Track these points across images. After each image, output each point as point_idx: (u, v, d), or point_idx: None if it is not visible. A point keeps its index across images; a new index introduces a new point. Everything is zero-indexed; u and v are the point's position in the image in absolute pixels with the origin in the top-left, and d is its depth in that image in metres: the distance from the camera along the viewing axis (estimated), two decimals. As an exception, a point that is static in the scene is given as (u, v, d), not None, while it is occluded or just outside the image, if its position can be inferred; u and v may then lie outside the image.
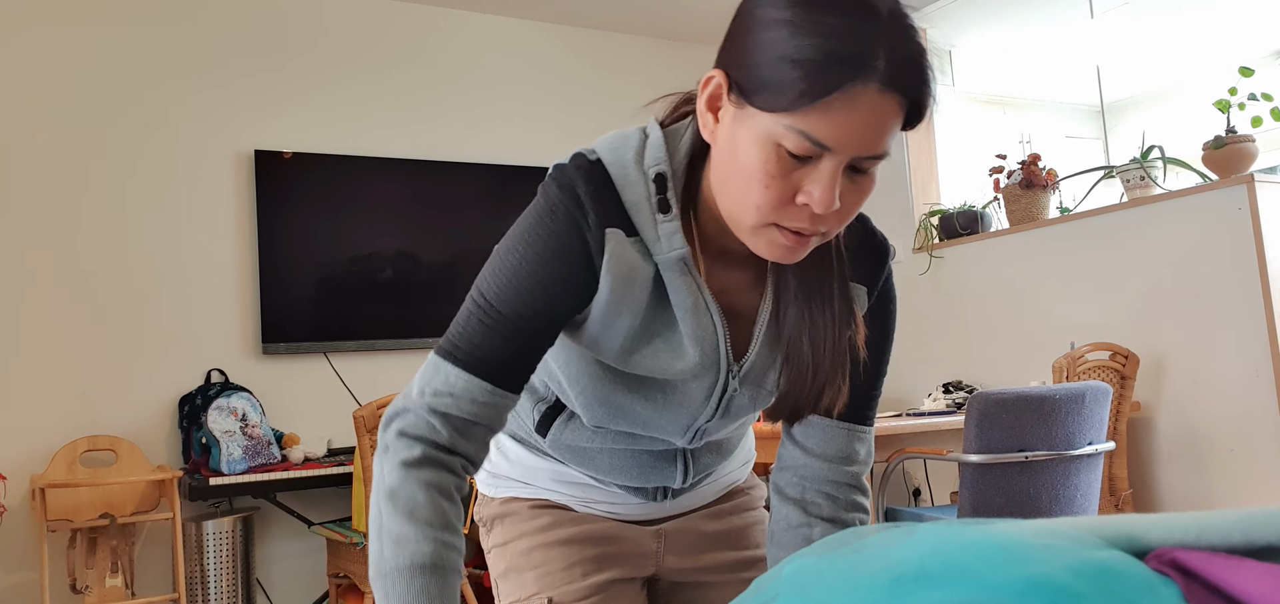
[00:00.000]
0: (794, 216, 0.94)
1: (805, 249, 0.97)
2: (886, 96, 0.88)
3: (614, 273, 1.02)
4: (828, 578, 0.71)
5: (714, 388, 1.12)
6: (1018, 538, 0.67)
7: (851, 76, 0.86)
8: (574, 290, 1.03)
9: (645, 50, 5.50)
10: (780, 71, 0.88)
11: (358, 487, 3.49)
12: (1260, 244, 3.39)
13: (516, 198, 4.91)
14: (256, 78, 4.45)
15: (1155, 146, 3.95)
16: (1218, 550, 0.65)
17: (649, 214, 1.03)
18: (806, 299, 1.07)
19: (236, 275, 4.31)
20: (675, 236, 1.02)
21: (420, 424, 1.03)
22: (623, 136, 1.08)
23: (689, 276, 1.05)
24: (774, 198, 0.93)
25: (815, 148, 0.90)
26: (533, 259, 1.02)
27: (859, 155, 0.91)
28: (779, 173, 0.92)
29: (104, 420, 4.00)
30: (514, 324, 1.02)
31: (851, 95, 0.87)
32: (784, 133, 0.90)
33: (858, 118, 0.88)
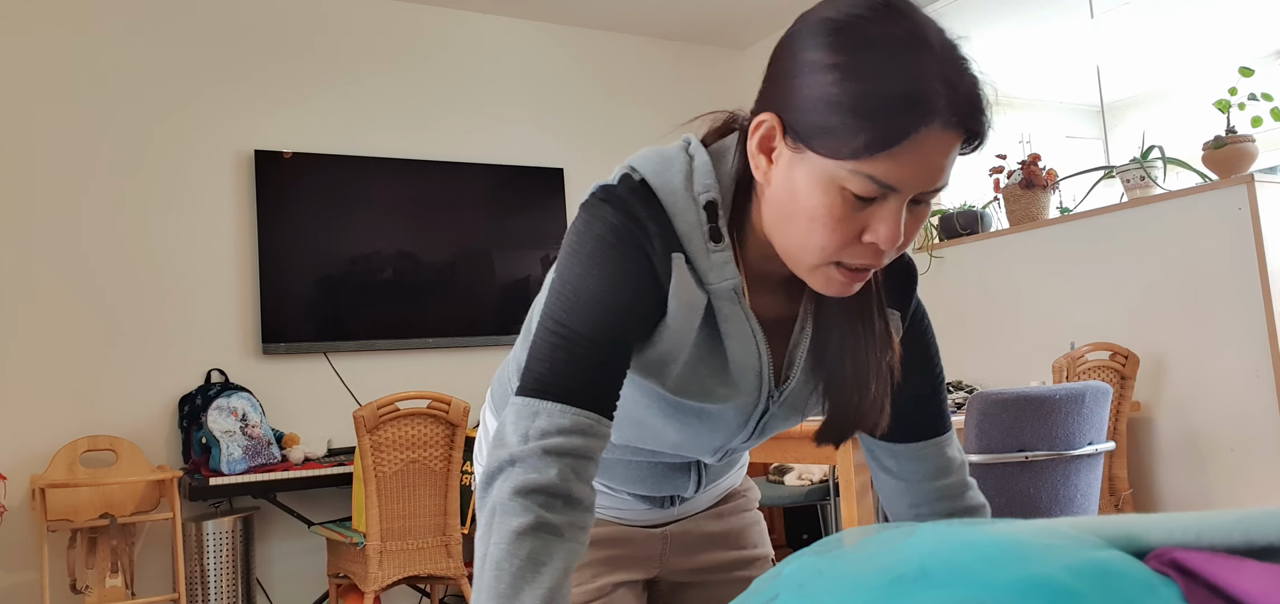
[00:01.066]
0: (858, 254, 0.95)
1: (861, 283, 0.98)
2: (948, 134, 0.89)
3: (678, 299, 1.01)
4: (828, 577, 0.71)
5: (753, 412, 1.12)
6: (1017, 538, 0.67)
7: (917, 123, 0.87)
8: (646, 313, 1.02)
9: (645, 50, 5.50)
10: (840, 119, 0.88)
11: (357, 487, 3.49)
12: (1260, 244, 3.39)
13: (516, 198, 4.91)
14: (256, 78, 4.45)
15: (1155, 146, 3.95)
16: (1218, 550, 0.65)
17: (701, 242, 1.01)
18: (849, 325, 1.07)
19: (236, 275, 4.31)
20: (727, 266, 1.02)
21: (533, 473, 0.93)
22: (665, 158, 1.04)
23: (738, 305, 1.04)
24: (840, 239, 0.93)
25: (882, 190, 0.90)
26: (606, 282, 0.99)
27: (923, 191, 0.92)
28: (844, 215, 0.92)
29: (104, 420, 4.00)
30: (600, 348, 0.98)
31: (918, 140, 0.88)
32: (849, 177, 0.90)
33: (923, 158, 0.89)
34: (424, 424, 3.48)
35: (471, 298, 4.73)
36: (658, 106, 5.48)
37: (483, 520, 0.95)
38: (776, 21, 5.45)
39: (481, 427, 1.42)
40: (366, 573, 3.41)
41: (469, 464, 3.71)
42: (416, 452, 3.48)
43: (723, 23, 5.44)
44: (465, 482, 3.68)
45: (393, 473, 3.44)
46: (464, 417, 3.54)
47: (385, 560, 3.43)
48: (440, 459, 3.53)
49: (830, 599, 0.68)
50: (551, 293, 1.02)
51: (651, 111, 5.46)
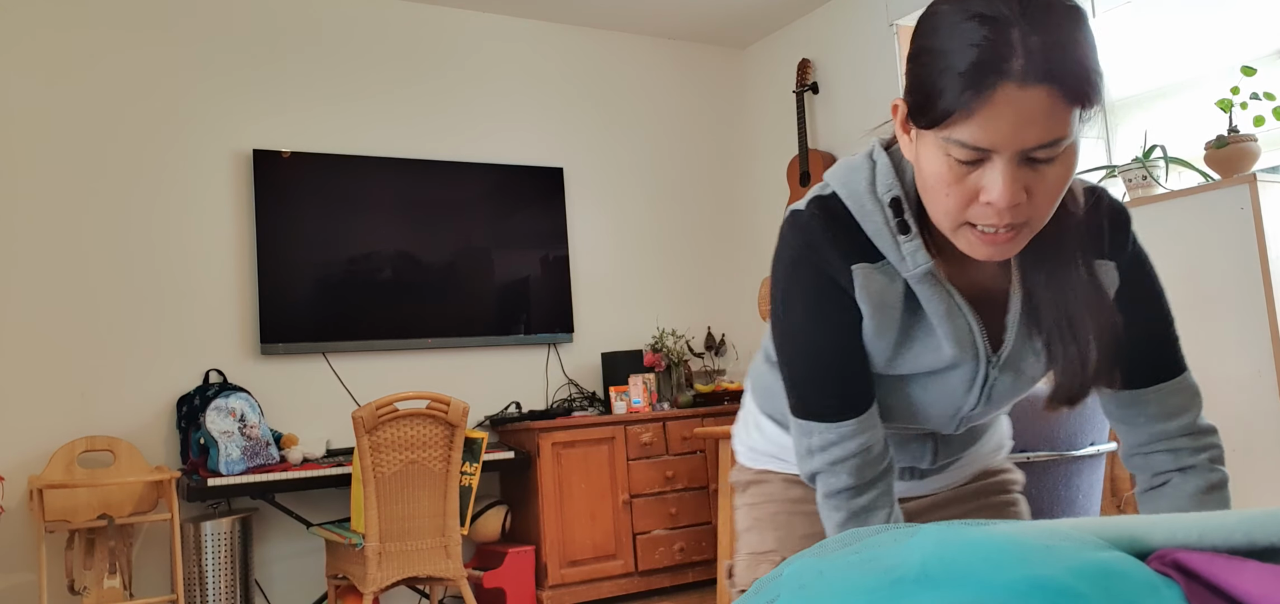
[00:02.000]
0: (982, 214, 1.01)
1: (1012, 243, 1.03)
2: (1028, 89, 0.94)
3: (868, 301, 1.14)
4: (829, 578, 0.70)
5: (975, 378, 1.19)
6: (1019, 539, 0.66)
7: (988, 84, 0.94)
8: (849, 320, 1.15)
9: (645, 50, 5.49)
10: (931, 92, 0.98)
11: (356, 487, 3.48)
12: (1262, 244, 3.38)
13: (516, 198, 4.90)
14: (256, 78, 4.44)
15: (1157, 146, 3.94)
16: (1219, 551, 0.64)
17: (890, 239, 1.12)
18: (1055, 283, 1.12)
19: (235, 275, 4.30)
20: (918, 254, 1.11)
21: (831, 480, 1.18)
22: (851, 167, 1.16)
23: (938, 284, 1.13)
24: (957, 201, 1.01)
25: (976, 152, 0.98)
26: (810, 307, 1.16)
27: (1023, 149, 0.96)
28: (955, 179, 1.00)
29: (102, 421, 3.99)
30: (828, 368, 1.17)
31: (993, 98, 0.94)
32: (946, 145, 0.99)
33: (1005, 116, 0.95)
34: (423, 425, 3.48)
35: (471, 298, 4.73)
36: (658, 106, 5.48)
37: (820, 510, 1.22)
38: (776, 21, 5.45)
39: (744, 404, 1.53)
40: (365, 574, 3.40)
41: (468, 464, 3.70)
42: (416, 452, 3.47)
43: (723, 23, 5.44)
44: (465, 482, 3.67)
45: (392, 474, 3.43)
46: (463, 417, 3.53)
47: (384, 561, 3.42)
48: (439, 460, 3.52)
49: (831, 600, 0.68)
50: (775, 323, 1.21)
51: (651, 111, 5.45)
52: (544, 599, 4.29)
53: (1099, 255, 1.15)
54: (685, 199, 5.44)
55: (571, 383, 4.99)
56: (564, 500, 4.36)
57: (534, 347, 4.93)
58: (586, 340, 5.07)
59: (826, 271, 1.14)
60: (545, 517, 4.31)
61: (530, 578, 4.27)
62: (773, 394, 1.37)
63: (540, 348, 4.95)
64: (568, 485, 4.38)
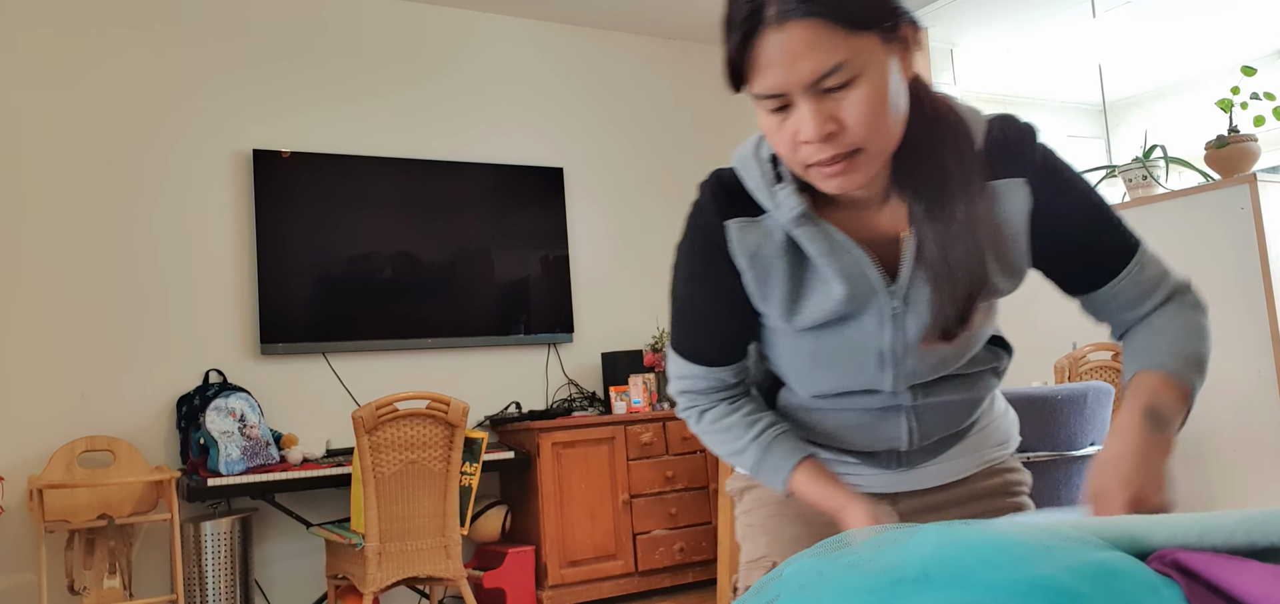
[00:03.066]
0: (810, 152, 1.06)
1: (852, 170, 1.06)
2: (786, 27, 1.01)
3: (743, 254, 1.20)
4: (828, 578, 0.70)
5: (883, 315, 1.20)
6: (1019, 539, 0.66)
7: (752, 35, 1.02)
8: (728, 282, 1.23)
9: (645, 50, 5.49)
10: (725, 60, 1.07)
11: (356, 487, 3.48)
12: (1262, 243, 3.38)
13: (516, 198, 4.90)
14: (255, 77, 4.44)
15: (1157, 146, 3.94)
16: (1219, 551, 0.64)
17: (766, 191, 1.17)
18: (937, 217, 1.13)
19: (235, 275, 4.30)
20: (789, 199, 1.16)
21: (683, 401, 1.35)
22: (746, 143, 1.24)
23: (815, 226, 1.17)
24: (786, 146, 1.07)
25: (774, 100, 1.05)
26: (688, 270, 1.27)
27: (805, 85, 1.02)
28: (775, 127, 1.07)
29: (102, 421, 3.99)
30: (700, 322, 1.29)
31: (759, 48, 1.02)
32: (755, 101, 1.07)
33: (774, 60, 1.02)
34: (423, 425, 3.48)
35: (471, 298, 4.72)
36: (658, 106, 5.47)
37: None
38: (777, 21, 5.44)
39: None
40: (365, 574, 3.40)
41: (468, 464, 3.70)
42: (415, 452, 3.47)
43: (723, 22, 5.43)
44: (464, 482, 3.67)
45: (392, 474, 3.43)
46: (463, 417, 3.53)
47: (384, 561, 3.42)
48: (439, 460, 3.52)
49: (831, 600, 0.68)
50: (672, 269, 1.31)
51: (651, 111, 5.45)
52: (544, 599, 4.29)
53: (1004, 174, 1.16)
54: (685, 199, 5.42)
55: (571, 383, 4.99)
56: (564, 500, 4.36)
57: (534, 346, 4.93)
58: (586, 340, 5.07)
59: (708, 231, 1.22)
60: (545, 517, 4.31)
61: (530, 578, 4.27)
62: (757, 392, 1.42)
63: (540, 348, 4.94)
64: (568, 485, 4.38)
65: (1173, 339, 1.18)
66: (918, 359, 1.22)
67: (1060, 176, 1.19)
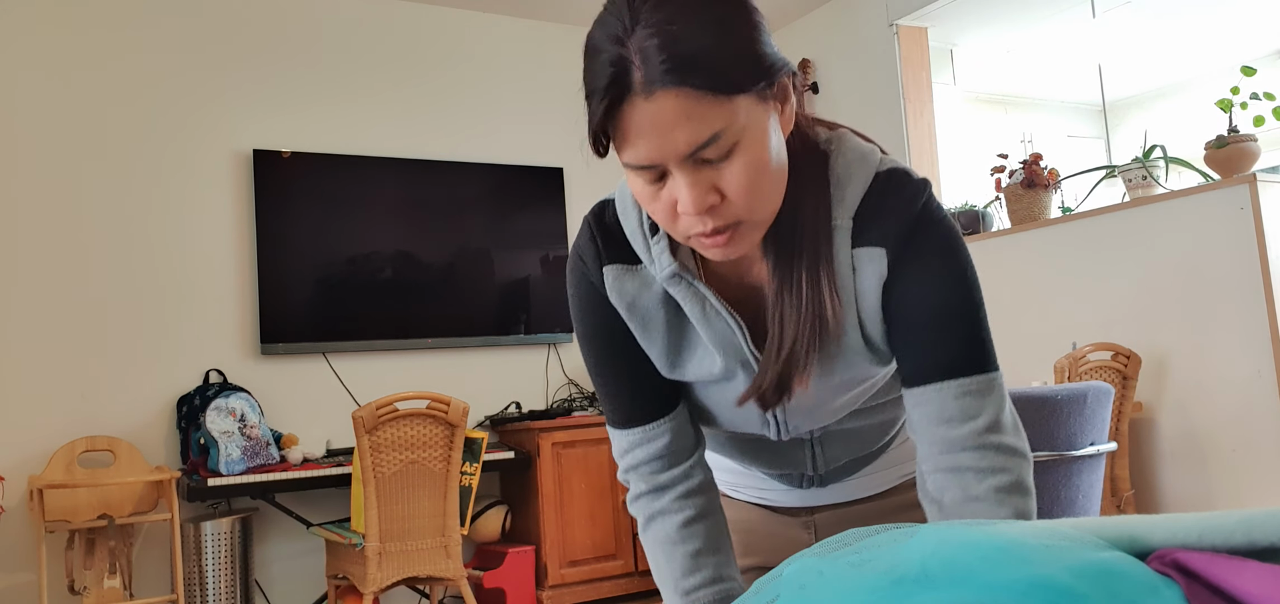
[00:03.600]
0: (689, 224, 0.96)
1: (735, 241, 0.97)
2: (655, 98, 0.89)
3: (621, 303, 1.11)
4: (828, 578, 0.70)
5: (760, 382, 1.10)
6: (1019, 539, 0.66)
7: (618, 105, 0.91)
8: (613, 330, 1.13)
9: (645, 50, 5.49)
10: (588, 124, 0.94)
11: (356, 487, 3.48)
12: (1262, 243, 3.38)
13: (516, 198, 4.90)
14: (256, 77, 4.44)
15: (1157, 146, 3.94)
16: (1220, 551, 0.64)
17: (643, 240, 1.08)
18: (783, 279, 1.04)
19: (235, 275, 4.30)
20: (663, 256, 1.07)
21: (631, 488, 1.19)
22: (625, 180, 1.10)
23: (689, 287, 1.08)
24: (662, 214, 0.97)
25: (647, 169, 0.94)
26: (578, 318, 1.16)
27: (681, 156, 0.91)
28: (651, 196, 0.96)
29: (102, 421, 3.99)
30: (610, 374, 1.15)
31: (627, 118, 0.91)
32: (627, 171, 0.97)
33: (645, 131, 0.91)
34: (423, 425, 3.48)
35: (471, 298, 4.73)
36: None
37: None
38: (776, 21, 5.45)
39: None
40: (365, 574, 3.40)
41: (468, 464, 3.70)
42: (416, 452, 3.47)
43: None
44: (464, 482, 3.67)
45: (392, 474, 3.43)
46: (463, 417, 3.53)
47: (384, 561, 3.42)
48: (439, 460, 3.52)
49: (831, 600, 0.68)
50: None
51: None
52: (544, 599, 4.29)
53: (867, 243, 1.04)
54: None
55: (571, 383, 4.99)
56: (564, 500, 4.36)
57: (534, 347, 4.93)
58: (586, 340, 5.06)
59: (586, 277, 1.12)
60: (545, 517, 4.31)
61: (530, 578, 4.27)
62: None
63: (540, 348, 4.95)
64: (568, 485, 4.38)
65: None
66: (801, 416, 1.16)
67: (925, 255, 1.03)
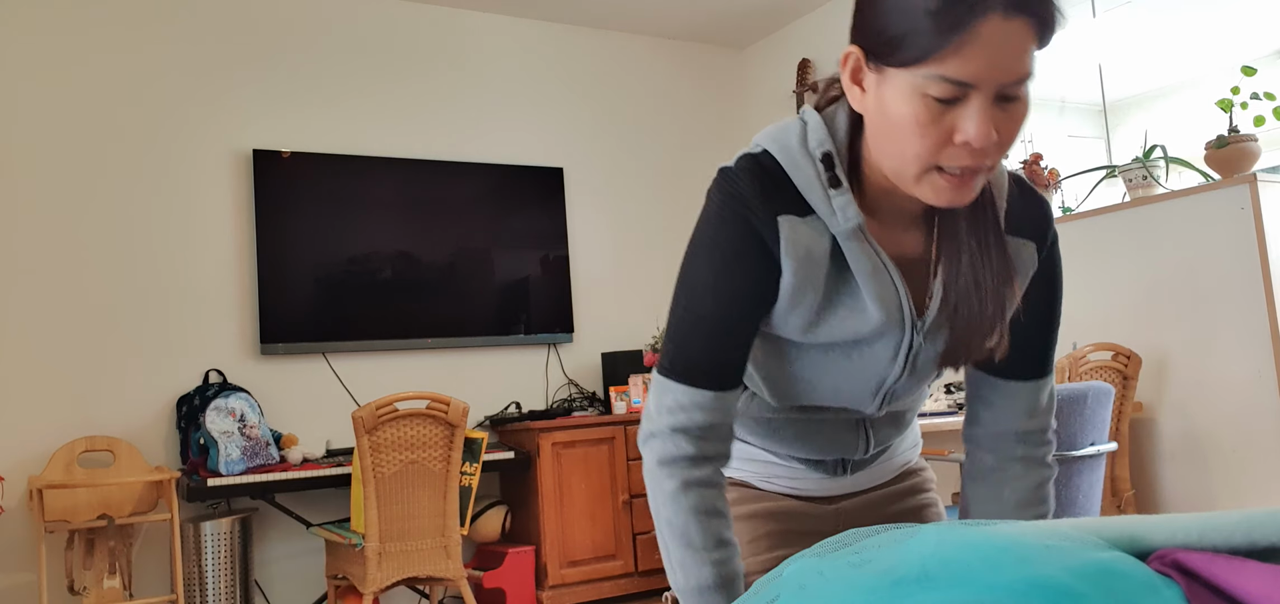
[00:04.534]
0: (954, 156, 0.98)
1: (971, 187, 1.01)
2: (1012, 21, 0.92)
3: (793, 255, 1.09)
4: (829, 578, 0.70)
5: (900, 345, 1.16)
6: (1019, 539, 0.66)
7: (974, 13, 0.91)
8: (763, 283, 1.10)
9: (645, 50, 5.49)
10: (908, 26, 0.94)
11: (356, 487, 3.48)
12: (1263, 243, 3.38)
13: (516, 198, 4.90)
14: (255, 77, 4.44)
15: (1158, 146, 3.94)
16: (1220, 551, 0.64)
17: (821, 192, 1.08)
18: (975, 251, 1.11)
19: (235, 275, 4.30)
20: (849, 208, 1.07)
21: (669, 447, 1.14)
22: (783, 127, 1.13)
23: (866, 243, 1.10)
24: (931, 144, 0.98)
25: (958, 88, 0.95)
26: (719, 264, 1.10)
27: (1002, 83, 0.95)
28: (930, 119, 0.96)
29: (102, 421, 3.99)
30: (718, 327, 1.11)
31: (978, 30, 0.92)
32: (926, 82, 0.95)
33: (990, 49, 0.93)
34: (423, 425, 3.48)
35: (471, 298, 4.73)
36: (657, 106, 5.48)
37: (646, 480, 1.17)
38: (776, 21, 5.45)
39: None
40: (365, 574, 3.40)
41: (468, 465, 3.70)
42: (415, 452, 3.47)
43: (723, 23, 5.43)
44: (464, 482, 3.67)
45: (392, 474, 3.43)
46: (463, 417, 3.53)
47: (384, 562, 3.42)
48: (439, 460, 3.52)
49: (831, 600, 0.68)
50: (679, 276, 1.14)
51: (651, 111, 5.45)
52: (544, 599, 4.29)
53: (1019, 234, 1.16)
54: (685, 199, 5.44)
55: (571, 383, 4.99)
56: (564, 500, 4.36)
57: (534, 346, 4.93)
58: (586, 340, 5.07)
59: (752, 224, 1.09)
60: (545, 517, 4.31)
61: (530, 578, 4.27)
62: None
63: (540, 348, 4.94)
64: (568, 485, 4.38)
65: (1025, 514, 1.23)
66: (907, 385, 1.22)
67: (1057, 266, 1.21)
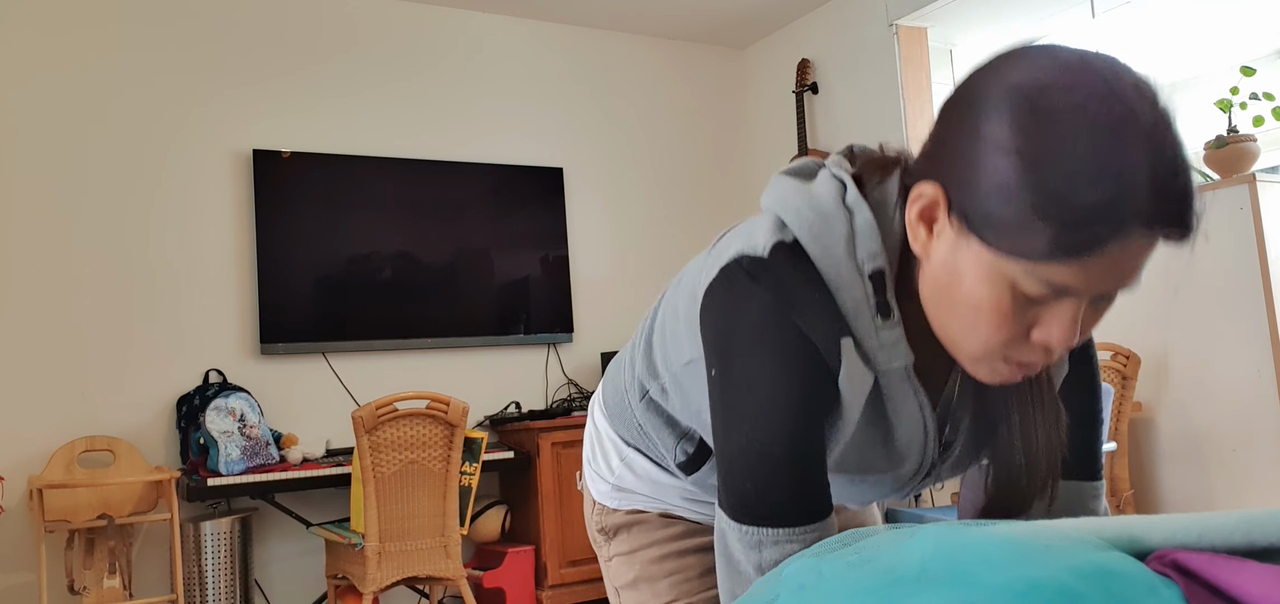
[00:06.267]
0: (1026, 352, 0.85)
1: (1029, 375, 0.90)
2: (1150, 236, 0.77)
3: (847, 386, 0.92)
4: (828, 579, 0.70)
5: (915, 475, 1.05)
6: (1018, 539, 0.66)
7: (1114, 232, 0.75)
8: (825, 402, 0.92)
9: (645, 50, 5.49)
10: (1018, 214, 0.77)
11: (356, 487, 3.48)
12: (1262, 243, 3.38)
13: (516, 198, 4.90)
14: (255, 77, 4.44)
15: (1156, 146, 3.94)
16: (1219, 551, 0.64)
17: (868, 319, 0.91)
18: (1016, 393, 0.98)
19: (235, 275, 4.30)
20: (898, 345, 0.92)
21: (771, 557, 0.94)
22: (823, 217, 0.92)
23: (909, 383, 0.95)
24: (1006, 337, 0.84)
25: (1058, 293, 0.81)
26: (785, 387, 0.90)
27: (1109, 292, 0.82)
28: (1012, 312, 0.82)
29: (102, 421, 3.99)
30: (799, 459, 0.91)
31: (1114, 247, 0.76)
32: (1021, 277, 0.80)
33: (1115, 264, 0.77)
34: (423, 425, 3.48)
35: (471, 298, 4.73)
36: (658, 106, 5.48)
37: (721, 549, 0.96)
38: (776, 21, 5.45)
39: (592, 429, 1.34)
40: (365, 574, 3.40)
41: (468, 464, 3.70)
42: (415, 452, 3.47)
43: (723, 23, 5.43)
44: (464, 482, 3.67)
45: (391, 474, 3.43)
46: (463, 417, 3.53)
47: (384, 561, 3.42)
48: (439, 460, 3.52)
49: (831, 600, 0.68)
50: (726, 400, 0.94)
51: (651, 111, 5.45)
52: (544, 599, 4.29)
53: None
54: (685, 199, 5.44)
55: (571, 383, 4.99)
56: (564, 500, 4.36)
57: (534, 347, 4.93)
58: (586, 340, 5.07)
59: (811, 340, 0.90)
60: (545, 517, 4.31)
61: (530, 578, 4.27)
62: (653, 436, 1.19)
63: (540, 348, 4.95)
64: (568, 485, 4.38)
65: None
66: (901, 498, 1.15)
67: (1093, 361, 1.06)
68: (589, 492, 1.34)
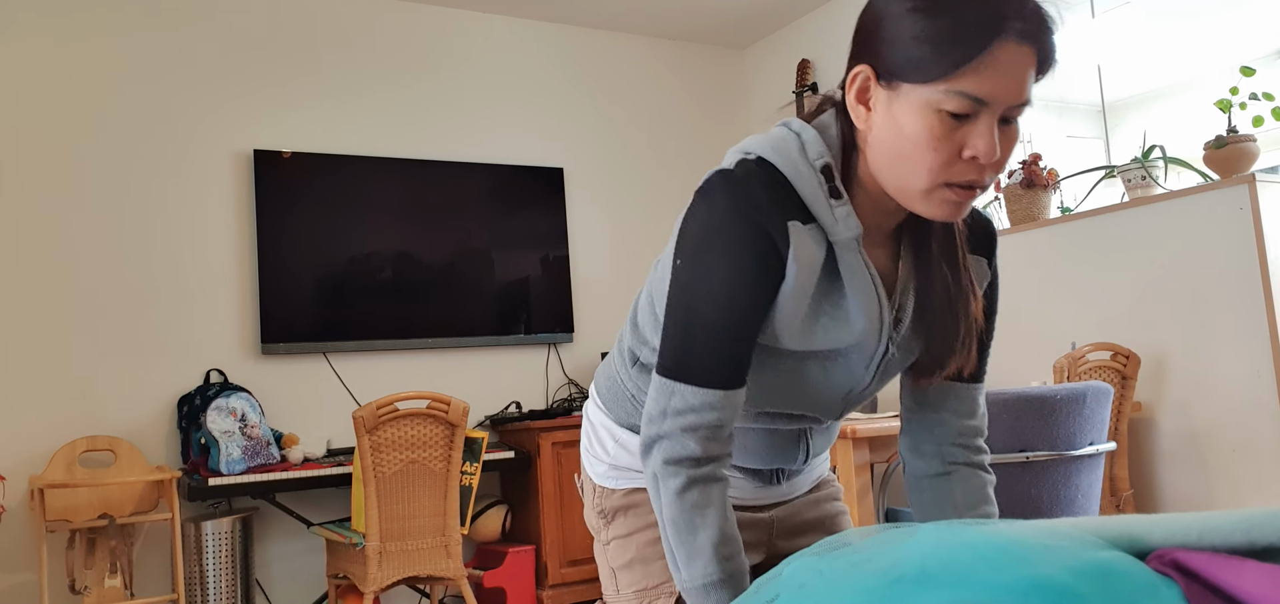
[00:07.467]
0: (962, 172, 1.06)
1: (969, 204, 1.09)
2: (1022, 48, 1.02)
3: (799, 261, 1.11)
4: (828, 578, 0.70)
5: (874, 355, 1.21)
6: (1018, 539, 0.66)
7: (994, 36, 1.00)
8: (771, 284, 1.12)
9: (645, 50, 5.49)
10: (927, 47, 1.02)
11: (357, 487, 3.48)
12: (1261, 244, 3.38)
13: (516, 198, 4.90)
14: (256, 77, 4.44)
15: (1156, 146, 3.94)
16: (1219, 551, 0.64)
17: (824, 201, 1.12)
18: (946, 272, 1.20)
19: (235, 275, 4.30)
20: (850, 219, 1.13)
21: (676, 447, 1.14)
22: (777, 138, 1.16)
23: (859, 254, 1.15)
24: (944, 157, 1.05)
25: (974, 104, 1.03)
26: (732, 265, 1.11)
27: (1010, 104, 1.04)
28: (944, 133, 1.04)
29: (103, 421, 4.00)
30: (729, 330, 1.12)
31: (995, 52, 1.01)
32: (943, 98, 1.03)
33: (1003, 71, 1.02)
34: (423, 424, 3.48)
35: (471, 298, 4.73)
36: (658, 106, 5.48)
37: (649, 484, 1.17)
38: (776, 21, 5.45)
39: (587, 423, 1.46)
40: (366, 573, 3.41)
41: (468, 464, 3.70)
42: (416, 452, 3.47)
43: (723, 23, 5.44)
44: (465, 482, 3.67)
45: (392, 473, 3.43)
46: (463, 417, 3.53)
47: (384, 561, 3.42)
48: (440, 459, 3.52)
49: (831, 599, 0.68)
50: (680, 279, 1.15)
51: (651, 111, 5.45)
52: (544, 599, 4.29)
53: (975, 251, 1.27)
54: (685, 199, 5.44)
55: (571, 383, 4.99)
56: (564, 500, 4.36)
57: (534, 346, 4.93)
58: (586, 340, 5.07)
59: (764, 226, 1.10)
60: (545, 516, 4.32)
61: (530, 577, 4.28)
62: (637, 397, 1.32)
63: (540, 348, 4.95)
64: (568, 485, 4.38)
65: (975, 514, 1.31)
66: (873, 389, 1.28)
67: (996, 281, 1.32)
68: (588, 477, 1.44)
